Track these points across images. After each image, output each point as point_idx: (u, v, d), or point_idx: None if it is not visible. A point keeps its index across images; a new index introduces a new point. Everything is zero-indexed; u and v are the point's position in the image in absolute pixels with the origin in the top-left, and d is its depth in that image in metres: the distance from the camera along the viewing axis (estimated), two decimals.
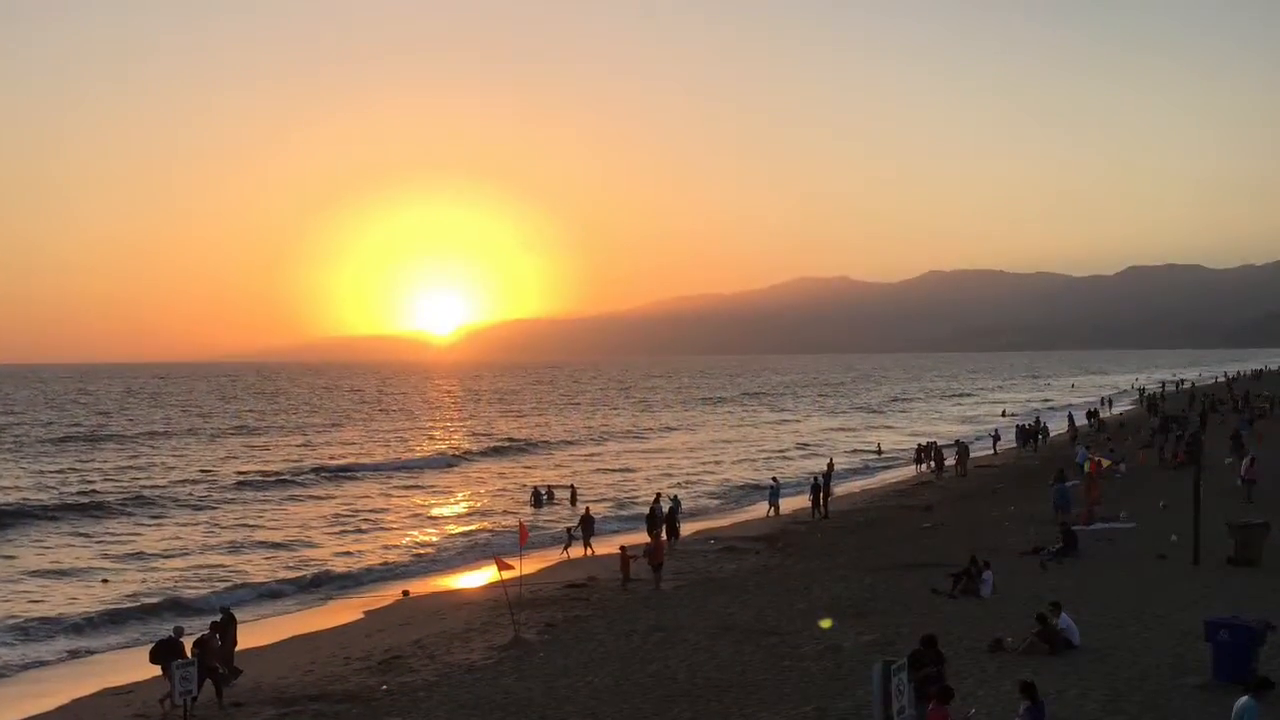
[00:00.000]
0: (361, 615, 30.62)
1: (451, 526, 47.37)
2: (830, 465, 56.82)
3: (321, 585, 35.28)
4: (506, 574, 25.95)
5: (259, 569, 37.34)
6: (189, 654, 20.83)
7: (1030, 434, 72.90)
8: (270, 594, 33.85)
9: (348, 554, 40.25)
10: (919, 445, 66.85)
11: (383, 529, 46.42)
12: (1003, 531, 36.41)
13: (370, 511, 51.18)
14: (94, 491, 56.20)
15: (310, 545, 42.21)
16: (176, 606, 31.29)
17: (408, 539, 43.80)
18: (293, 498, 56.33)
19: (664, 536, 36.38)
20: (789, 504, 47.56)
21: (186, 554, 40.11)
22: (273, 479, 62.71)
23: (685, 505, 46.50)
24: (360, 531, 45.70)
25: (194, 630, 23.56)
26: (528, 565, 32.69)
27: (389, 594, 33.59)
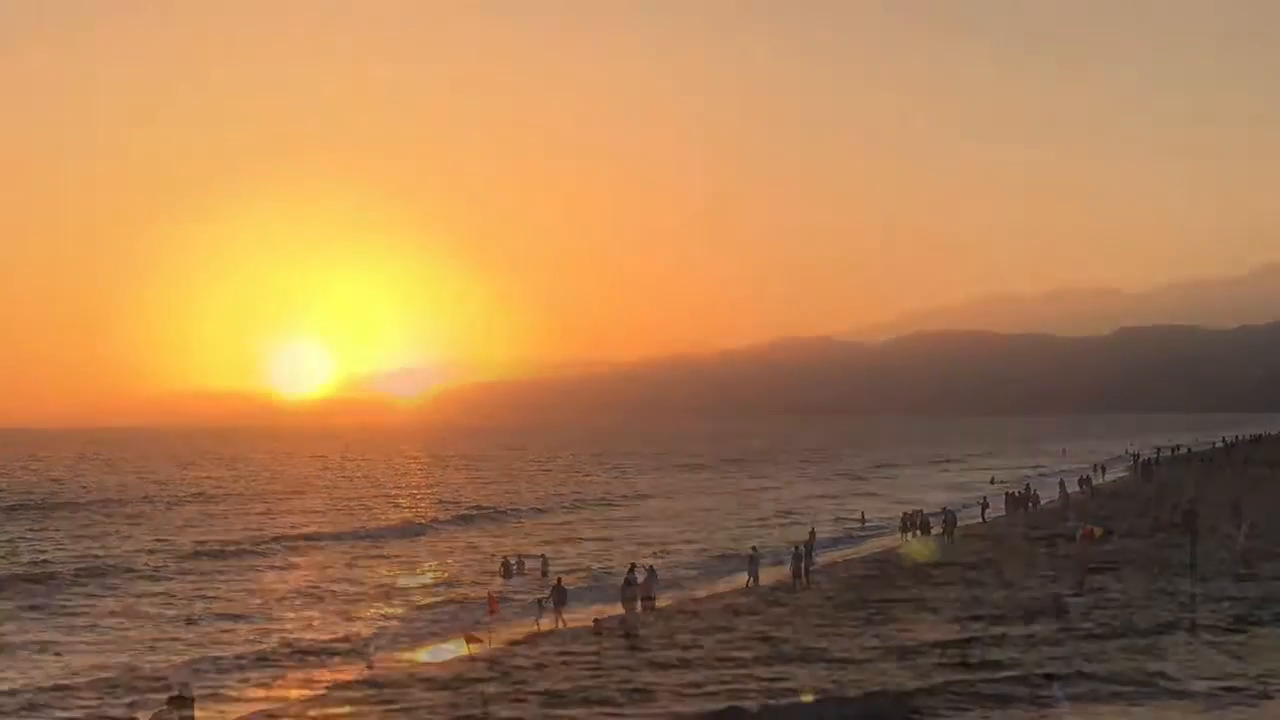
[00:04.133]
0: (324, 691, 29.20)
1: (418, 597, 45.96)
2: (812, 534, 55.92)
3: (282, 659, 33.75)
4: (475, 647, 25.16)
5: (217, 642, 35.90)
6: None
7: (1020, 502, 72.33)
8: (229, 668, 32.28)
9: (309, 626, 38.84)
10: (904, 513, 65.81)
11: (346, 600, 45.00)
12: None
13: (333, 582, 49.65)
14: (45, 561, 54.41)
15: (270, 617, 40.78)
16: (131, 681, 29.84)
17: (372, 611, 42.42)
18: (252, 567, 54.61)
19: (639, 608, 35.54)
20: (769, 574, 46.64)
21: (142, 626, 38.66)
22: (232, 548, 60.93)
23: (661, 575, 45.50)
24: (322, 602, 44.25)
25: (149, 706, 22.43)
26: (497, 638, 31.86)
27: (352, 668, 32.09)
